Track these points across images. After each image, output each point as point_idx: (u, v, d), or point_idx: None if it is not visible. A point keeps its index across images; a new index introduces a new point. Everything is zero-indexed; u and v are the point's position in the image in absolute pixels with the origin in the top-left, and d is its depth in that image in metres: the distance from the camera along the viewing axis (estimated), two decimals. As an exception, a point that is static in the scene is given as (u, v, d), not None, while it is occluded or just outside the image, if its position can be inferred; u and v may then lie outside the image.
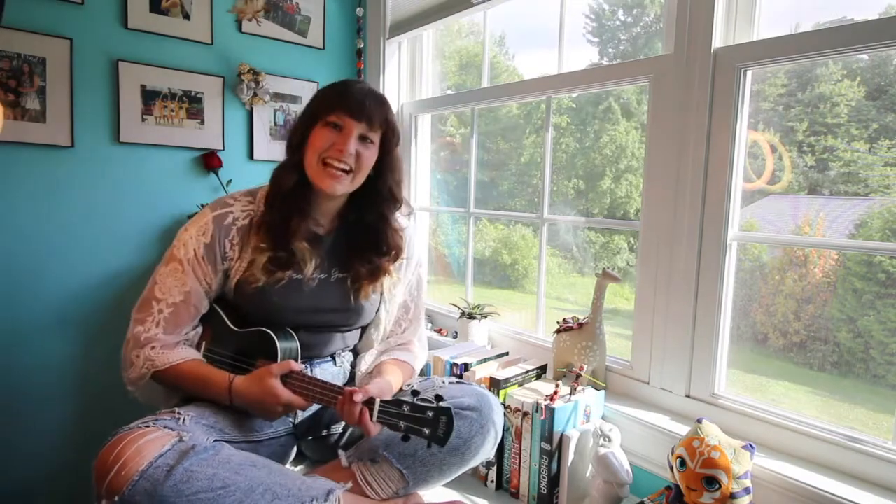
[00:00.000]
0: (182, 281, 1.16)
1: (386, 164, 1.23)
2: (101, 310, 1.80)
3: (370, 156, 1.18)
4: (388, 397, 1.12)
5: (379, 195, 1.24)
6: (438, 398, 1.03)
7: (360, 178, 1.19)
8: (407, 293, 1.39)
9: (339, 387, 1.08)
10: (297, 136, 1.19)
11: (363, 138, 1.16)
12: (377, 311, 1.33)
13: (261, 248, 1.16)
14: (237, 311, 1.22)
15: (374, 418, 1.02)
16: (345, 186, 1.17)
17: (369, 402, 1.03)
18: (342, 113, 1.14)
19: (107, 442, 0.94)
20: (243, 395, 1.09)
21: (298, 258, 1.18)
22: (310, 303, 1.21)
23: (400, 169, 1.27)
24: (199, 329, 1.23)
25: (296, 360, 1.19)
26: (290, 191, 1.17)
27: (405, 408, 1.01)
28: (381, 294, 1.32)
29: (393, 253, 1.27)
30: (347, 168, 1.15)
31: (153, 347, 1.13)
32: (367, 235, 1.26)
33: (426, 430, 0.99)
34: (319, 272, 1.23)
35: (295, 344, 1.20)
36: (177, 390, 1.17)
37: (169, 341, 1.15)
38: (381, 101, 1.19)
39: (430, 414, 1.00)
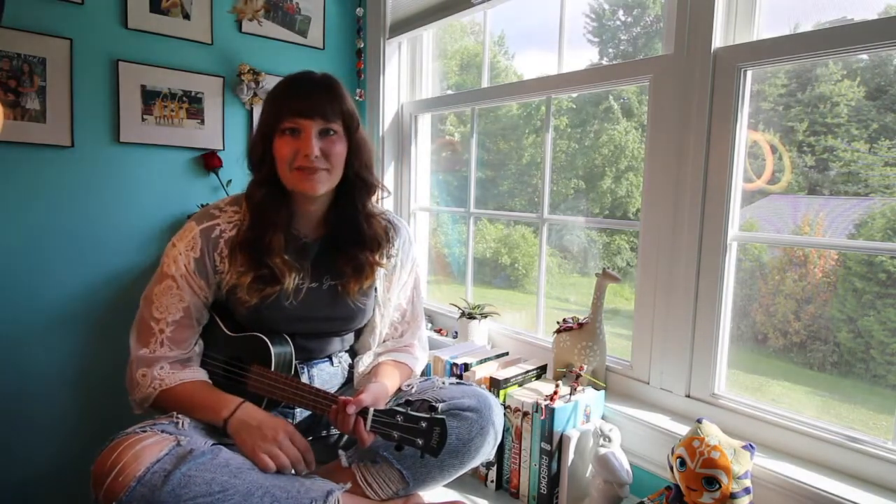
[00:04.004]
0: (179, 297, 1.14)
1: (350, 151, 1.18)
2: (101, 310, 1.80)
3: (339, 149, 1.15)
4: (384, 403, 1.11)
5: (349, 183, 1.21)
6: (433, 409, 1.03)
7: (338, 172, 1.17)
8: (402, 295, 1.37)
9: (332, 395, 1.08)
10: (259, 150, 1.15)
11: (325, 132, 1.13)
12: (372, 313, 1.32)
13: (240, 271, 1.13)
14: (232, 316, 1.22)
15: (368, 427, 1.02)
16: (325, 184, 1.15)
17: (363, 412, 1.03)
18: (294, 116, 1.10)
19: (104, 447, 0.94)
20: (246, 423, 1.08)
21: (278, 273, 1.15)
22: (302, 312, 1.20)
23: (366, 152, 1.21)
24: (202, 344, 1.21)
25: (290, 363, 1.19)
26: (268, 205, 1.15)
27: (399, 418, 1.01)
28: (375, 296, 1.31)
29: (374, 242, 1.24)
30: (321, 167, 1.12)
31: (161, 367, 1.12)
32: (346, 231, 1.23)
33: (419, 441, 0.99)
34: (310, 281, 1.21)
35: (289, 348, 1.19)
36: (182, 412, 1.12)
37: (177, 359, 1.14)
38: (331, 90, 1.14)
39: (424, 424, 0.99)
